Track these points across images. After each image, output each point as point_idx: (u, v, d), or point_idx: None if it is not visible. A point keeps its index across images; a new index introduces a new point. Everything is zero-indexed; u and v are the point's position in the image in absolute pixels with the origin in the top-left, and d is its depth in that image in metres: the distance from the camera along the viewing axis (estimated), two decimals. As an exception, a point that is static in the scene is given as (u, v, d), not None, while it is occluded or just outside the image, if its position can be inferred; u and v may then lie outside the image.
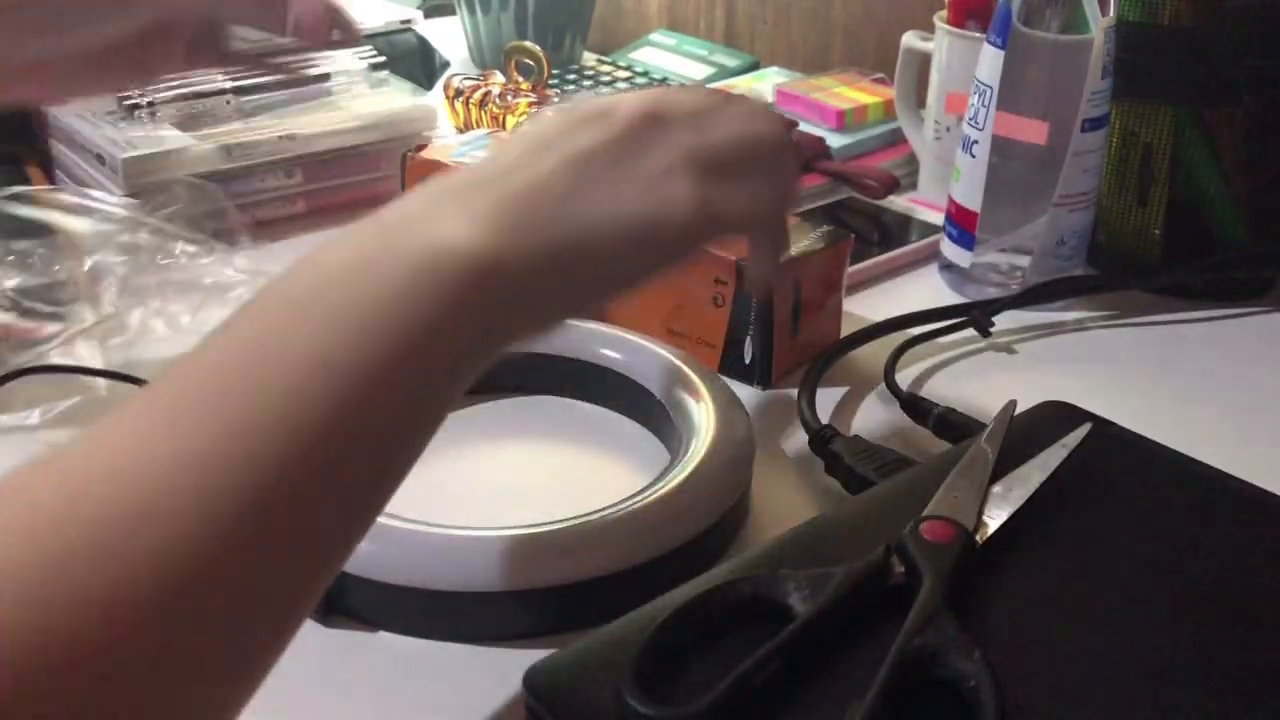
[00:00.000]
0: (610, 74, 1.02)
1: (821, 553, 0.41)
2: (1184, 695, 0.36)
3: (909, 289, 0.71)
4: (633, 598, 0.39)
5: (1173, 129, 0.67)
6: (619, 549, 0.44)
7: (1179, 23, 0.65)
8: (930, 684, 0.35)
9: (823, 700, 0.35)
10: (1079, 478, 0.45)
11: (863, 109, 0.87)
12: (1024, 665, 0.36)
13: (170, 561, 0.26)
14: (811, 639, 0.36)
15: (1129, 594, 0.40)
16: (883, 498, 0.45)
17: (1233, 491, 0.46)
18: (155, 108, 0.80)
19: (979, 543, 0.41)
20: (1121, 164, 0.69)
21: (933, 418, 0.54)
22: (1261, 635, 0.38)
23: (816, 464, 0.52)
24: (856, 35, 1.05)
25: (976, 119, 0.66)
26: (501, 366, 0.57)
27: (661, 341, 0.56)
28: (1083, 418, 0.48)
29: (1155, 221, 0.69)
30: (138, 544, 0.26)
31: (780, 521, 0.50)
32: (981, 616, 0.38)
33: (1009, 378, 0.62)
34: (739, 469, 0.49)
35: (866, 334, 0.62)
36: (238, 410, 0.28)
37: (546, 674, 0.36)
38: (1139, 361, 0.64)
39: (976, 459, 0.45)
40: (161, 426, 0.28)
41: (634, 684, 0.34)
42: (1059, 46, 0.64)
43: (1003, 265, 0.68)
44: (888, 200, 0.79)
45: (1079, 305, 0.68)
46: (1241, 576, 0.41)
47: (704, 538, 0.46)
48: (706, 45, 1.08)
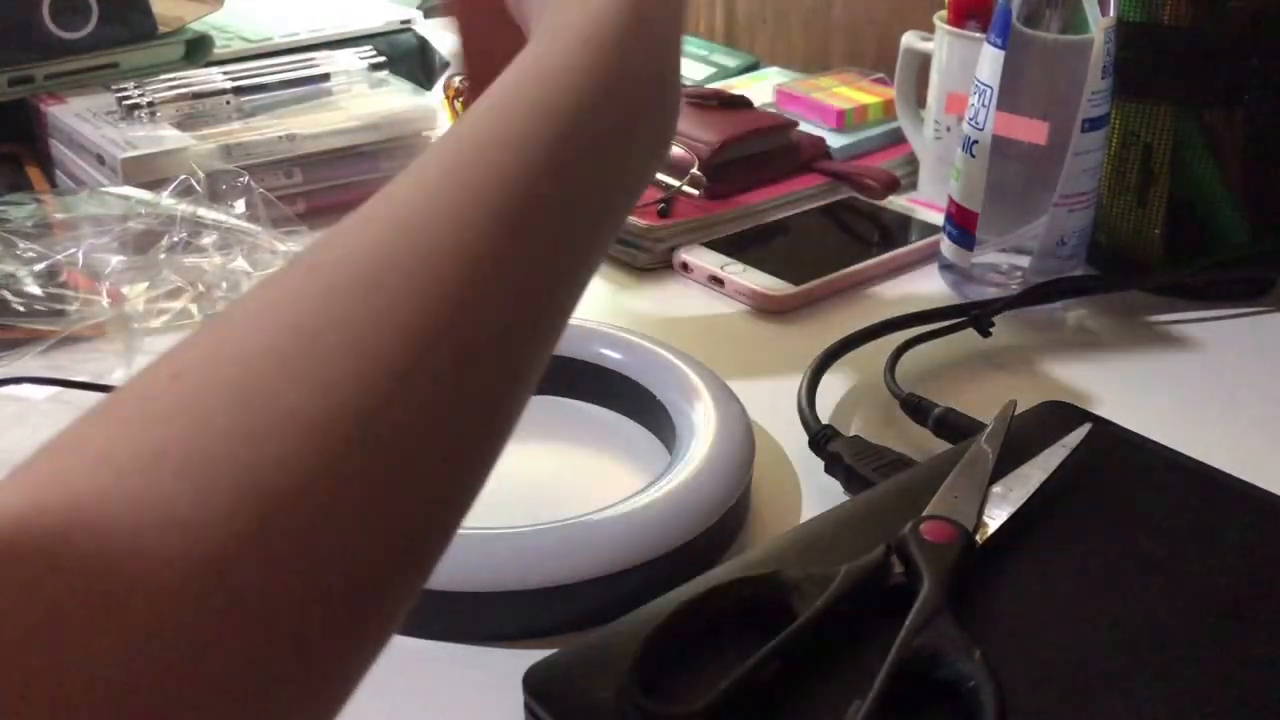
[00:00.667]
0: None
1: (821, 553, 0.41)
2: (1184, 695, 0.36)
3: (909, 289, 0.71)
4: (633, 598, 0.39)
5: (1173, 129, 0.67)
6: (619, 549, 0.44)
7: (1179, 23, 0.65)
8: (930, 684, 0.35)
9: (823, 700, 0.35)
10: (1079, 478, 0.45)
11: (863, 109, 0.87)
12: (1024, 665, 0.36)
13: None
14: (811, 639, 0.36)
15: (1129, 594, 0.40)
16: (883, 498, 0.45)
17: (1233, 491, 0.46)
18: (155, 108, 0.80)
19: (979, 543, 0.41)
20: (1121, 164, 0.69)
21: (933, 418, 0.54)
22: (1262, 635, 0.38)
23: (816, 464, 0.52)
24: (856, 35, 1.05)
25: (976, 119, 0.66)
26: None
27: (661, 341, 0.56)
28: (1083, 418, 0.48)
29: (1155, 221, 0.69)
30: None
31: (780, 521, 0.50)
32: (981, 616, 0.38)
33: (1009, 378, 0.62)
34: (739, 469, 0.49)
35: (866, 334, 0.62)
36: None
37: (546, 674, 0.37)
38: (1139, 361, 0.64)
39: (976, 459, 0.45)
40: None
41: (634, 684, 0.34)
42: (1059, 46, 0.64)
43: (1003, 265, 0.68)
44: (888, 200, 0.79)
45: (1079, 305, 0.68)
46: (1242, 577, 0.41)
47: (704, 538, 0.46)
48: (706, 45, 1.08)
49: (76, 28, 0.84)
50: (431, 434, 0.25)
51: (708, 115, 0.82)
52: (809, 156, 0.82)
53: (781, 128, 0.82)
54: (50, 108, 0.82)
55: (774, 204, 0.78)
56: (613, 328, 0.58)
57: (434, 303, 0.26)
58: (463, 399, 0.26)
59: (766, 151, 0.81)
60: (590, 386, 0.57)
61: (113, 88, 0.83)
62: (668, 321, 0.67)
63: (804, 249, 0.74)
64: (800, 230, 0.77)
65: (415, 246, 0.26)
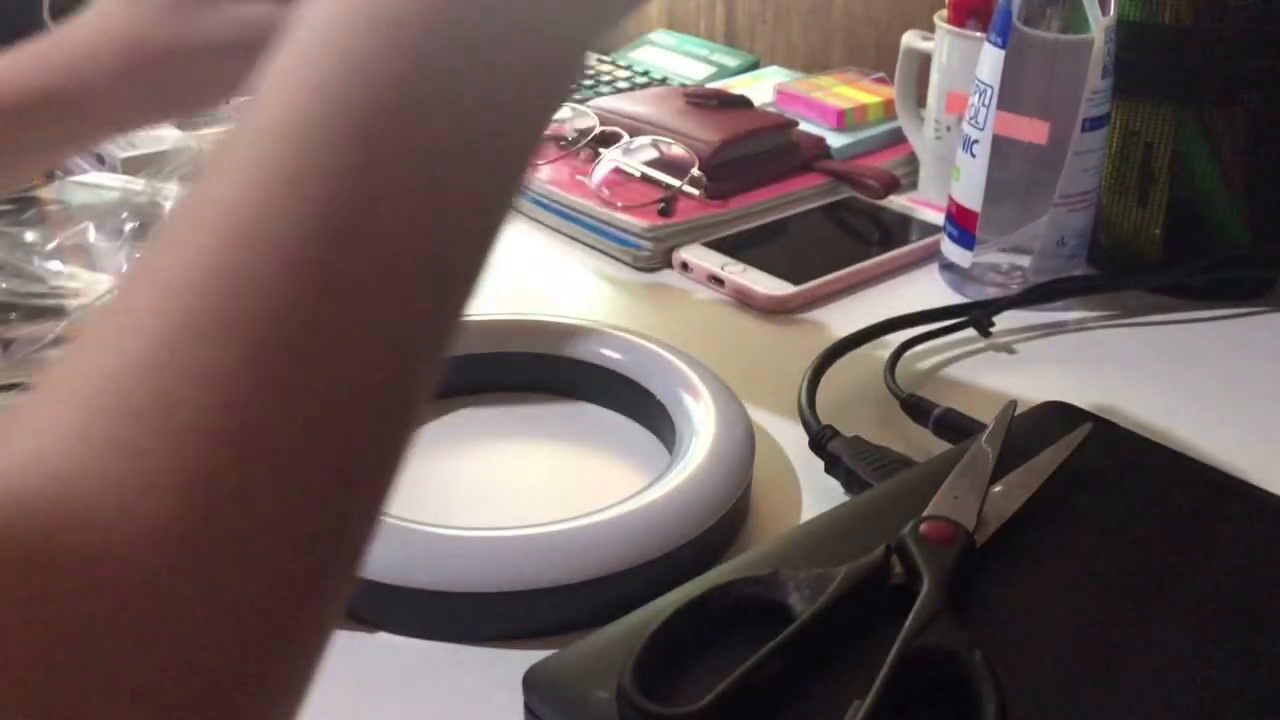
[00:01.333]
0: (610, 73, 1.02)
1: (821, 553, 0.41)
2: (1184, 695, 0.36)
3: (909, 289, 0.71)
4: (633, 598, 0.39)
5: (1173, 129, 0.67)
6: (619, 549, 0.44)
7: (1179, 23, 0.65)
8: (930, 684, 0.35)
9: (823, 700, 0.35)
10: (1079, 478, 0.45)
11: (863, 109, 0.87)
12: (1024, 665, 0.36)
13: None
14: (811, 639, 0.36)
15: (1129, 594, 0.40)
16: (883, 498, 0.45)
17: (1233, 491, 0.46)
18: (155, 107, 0.79)
19: (979, 543, 0.41)
20: (1122, 163, 0.69)
21: (933, 418, 0.54)
22: (1262, 635, 0.38)
23: (816, 464, 0.52)
24: (856, 35, 1.05)
25: (977, 119, 0.66)
26: (501, 367, 0.58)
27: (661, 341, 0.56)
28: (1083, 418, 0.48)
29: (1155, 221, 0.69)
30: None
31: (780, 521, 0.50)
32: (981, 616, 0.38)
33: (1009, 378, 0.62)
34: (739, 469, 0.49)
35: (866, 334, 0.62)
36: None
37: (546, 674, 0.36)
38: (1139, 361, 0.64)
39: (976, 459, 0.45)
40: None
41: (634, 684, 0.34)
42: (1059, 46, 0.64)
43: (1003, 265, 0.68)
44: (888, 200, 0.79)
45: (1079, 305, 0.68)
46: (1242, 576, 0.41)
47: (704, 538, 0.46)
48: (706, 45, 1.08)
49: (76, 27, 0.83)
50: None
51: (708, 115, 0.82)
52: (809, 156, 0.82)
53: (781, 127, 0.82)
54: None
55: (774, 204, 0.78)
56: (613, 328, 0.58)
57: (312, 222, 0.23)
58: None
59: (766, 151, 0.81)
60: (590, 386, 0.57)
61: (113, 87, 0.83)
62: (668, 321, 0.67)
63: (804, 249, 0.74)
64: (800, 230, 0.77)
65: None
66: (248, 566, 0.21)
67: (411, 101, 0.25)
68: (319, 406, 0.23)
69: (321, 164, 0.24)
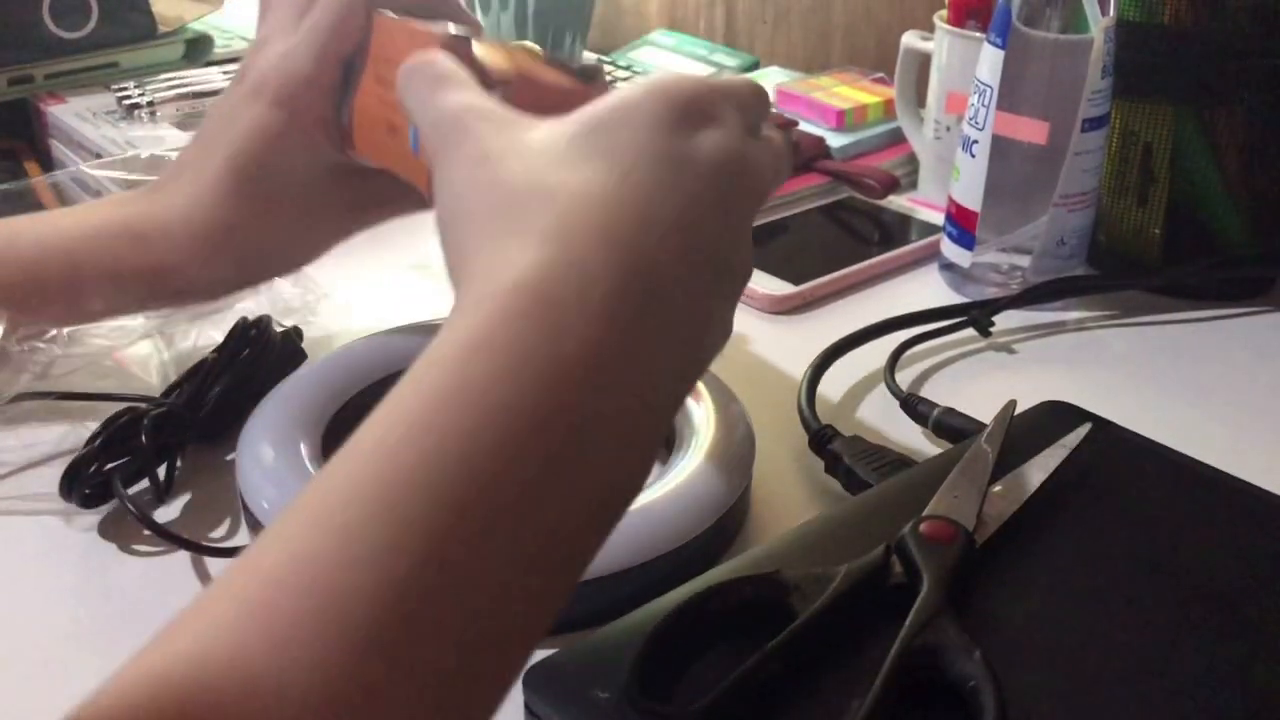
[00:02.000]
0: (610, 73, 1.02)
1: (821, 553, 0.41)
2: (1184, 695, 0.36)
3: (909, 289, 0.71)
4: (633, 597, 0.39)
5: (1173, 129, 0.67)
6: (619, 549, 0.44)
7: (1179, 23, 0.65)
8: (930, 684, 0.35)
9: (823, 701, 0.35)
10: (1079, 478, 0.45)
11: (863, 109, 0.87)
12: (1024, 665, 0.36)
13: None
14: (811, 639, 0.36)
15: (1129, 594, 0.40)
16: (883, 498, 0.45)
17: (1233, 491, 0.46)
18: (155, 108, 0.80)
19: (979, 543, 0.41)
20: (1122, 164, 0.69)
21: (932, 418, 0.54)
22: (1262, 635, 0.38)
23: (816, 464, 0.52)
24: (856, 35, 1.05)
25: (976, 119, 0.66)
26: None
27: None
28: (1083, 418, 0.48)
29: (1155, 221, 0.69)
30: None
31: (780, 521, 0.50)
32: (981, 616, 0.38)
33: (1009, 378, 0.62)
34: (739, 469, 0.49)
35: (866, 334, 0.62)
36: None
37: (546, 674, 0.36)
38: (1139, 361, 0.64)
39: (976, 459, 0.45)
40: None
41: (634, 684, 0.34)
42: (1059, 46, 0.64)
43: (1003, 265, 0.68)
44: (888, 200, 0.79)
45: (1079, 305, 0.68)
46: (1242, 576, 0.41)
47: (704, 538, 0.46)
48: (706, 45, 1.08)
49: (76, 27, 0.84)
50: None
51: (708, 115, 0.82)
52: (809, 156, 0.82)
53: (781, 127, 0.82)
54: (50, 107, 0.82)
55: (773, 204, 0.78)
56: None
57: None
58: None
59: (766, 151, 0.81)
60: (590, 386, 0.57)
61: (113, 87, 0.83)
62: (668, 321, 0.66)
63: (804, 249, 0.74)
64: (800, 230, 0.77)
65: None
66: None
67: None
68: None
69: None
